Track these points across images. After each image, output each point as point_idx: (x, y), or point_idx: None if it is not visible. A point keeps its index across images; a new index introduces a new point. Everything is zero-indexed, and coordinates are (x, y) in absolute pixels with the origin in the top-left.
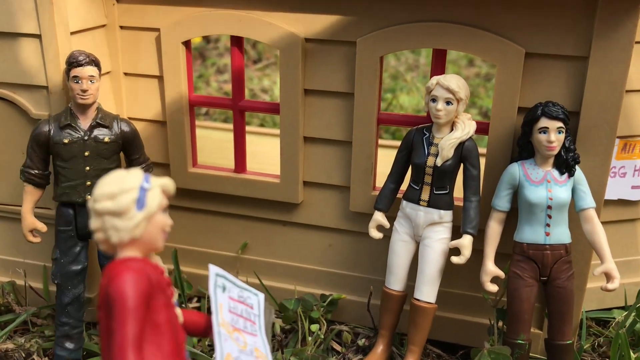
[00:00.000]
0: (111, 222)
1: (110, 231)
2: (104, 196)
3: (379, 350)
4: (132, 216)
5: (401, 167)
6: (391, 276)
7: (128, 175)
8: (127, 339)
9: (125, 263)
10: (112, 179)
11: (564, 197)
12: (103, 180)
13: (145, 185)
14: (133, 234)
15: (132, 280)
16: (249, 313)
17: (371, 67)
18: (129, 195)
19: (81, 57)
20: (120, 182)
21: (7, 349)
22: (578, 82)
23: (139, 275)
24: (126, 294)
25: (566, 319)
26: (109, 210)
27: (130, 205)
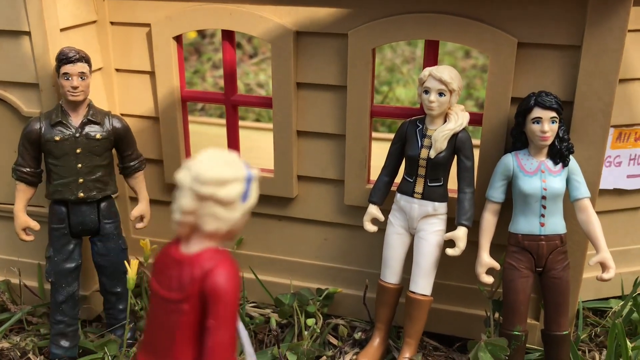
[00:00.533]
0: (213, 210)
1: (208, 218)
2: (214, 181)
3: (376, 344)
4: (237, 208)
5: (395, 159)
6: (386, 269)
7: (236, 160)
8: (232, 338)
9: (223, 256)
10: (222, 161)
11: (558, 187)
12: (208, 160)
13: (252, 176)
14: (232, 226)
15: (236, 276)
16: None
17: (363, 60)
18: (240, 185)
19: (71, 54)
20: (234, 169)
21: (3, 348)
22: (571, 71)
23: (237, 271)
24: (233, 291)
25: (562, 310)
26: (217, 197)
27: (239, 196)
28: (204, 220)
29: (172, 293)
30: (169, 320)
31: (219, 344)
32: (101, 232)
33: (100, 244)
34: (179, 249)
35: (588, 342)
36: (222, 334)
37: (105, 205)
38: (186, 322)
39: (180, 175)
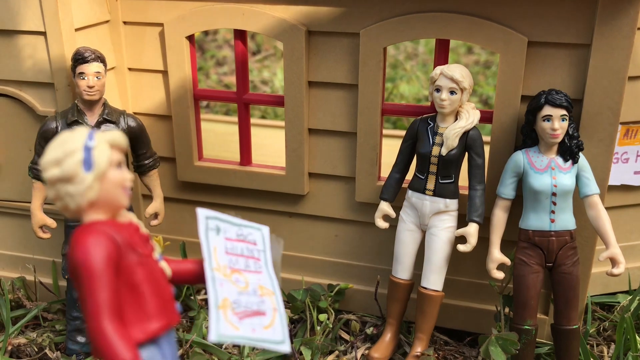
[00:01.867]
0: (64, 189)
1: (66, 198)
2: (50, 163)
3: (387, 339)
4: (81, 179)
5: (406, 157)
6: (398, 265)
7: (71, 135)
8: (98, 307)
9: (86, 228)
10: (56, 142)
11: (568, 184)
12: (49, 146)
13: (89, 144)
14: (88, 198)
15: (94, 245)
16: (251, 250)
17: (375, 58)
18: (73, 158)
19: (87, 54)
20: (63, 145)
21: (20, 344)
22: (581, 69)
23: (100, 238)
24: (89, 261)
25: (572, 304)
26: (58, 177)
27: (77, 169)
28: (65, 201)
29: None
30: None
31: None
32: None
33: None
34: None
35: (596, 336)
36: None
37: None
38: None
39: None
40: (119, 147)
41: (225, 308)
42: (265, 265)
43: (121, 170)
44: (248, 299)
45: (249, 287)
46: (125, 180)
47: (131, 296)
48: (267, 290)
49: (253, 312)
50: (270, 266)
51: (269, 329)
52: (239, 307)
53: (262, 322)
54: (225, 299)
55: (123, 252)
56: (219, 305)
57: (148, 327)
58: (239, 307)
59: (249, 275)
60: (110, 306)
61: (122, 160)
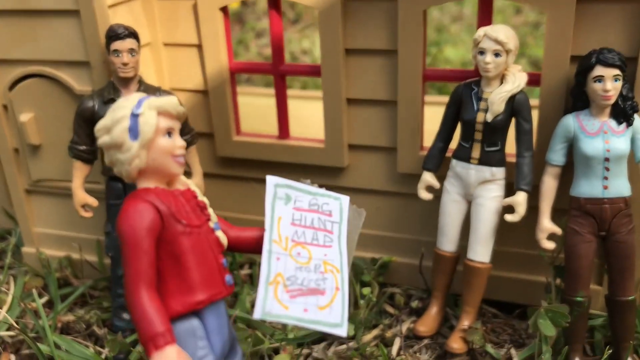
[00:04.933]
0: (115, 156)
1: (117, 165)
2: (101, 130)
3: (433, 312)
4: (128, 147)
5: (449, 124)
6: (443, 237)
7: (122, 102)
8: (134, 275)
9: (131, 197)
10: (111, 109)
11: (622, 148)
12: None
13: (136, 111)
14: (135, 165)
15: (135, 214)
16: (323, 222)
17: (414, 22)
18: (120, 125)
19: (120, 30)
20: (114, 112)
21: (69, 321)
22: (635, 25)
23: (142, 207)
24: (129, 229)
25: (627, 275)
26: (107, 144)
27: (124, 137)
28: (117, 168)
29: None
30: None
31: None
32: None
33: None
34: None
35: None
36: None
37: None
38: None
39: None
40: (168, 113)
41: (277, 284)
42: (338, 239)
43: (171, 138)
44: (307, 276)
45: (311, 262)
46: (175, 148)
47: (174, 267)
48: (332, 266)
49: (310, 290)
50: (344, 240)
51: (325, 309)
52: (294, 284)
53: (318, 301)
54: (278, 274)
55: (166, 222)
56: (270, 280)
57: (189, 299)
58: (293, 284)
59: (314, 249)
60: (146, 275)
61: (173, 127)
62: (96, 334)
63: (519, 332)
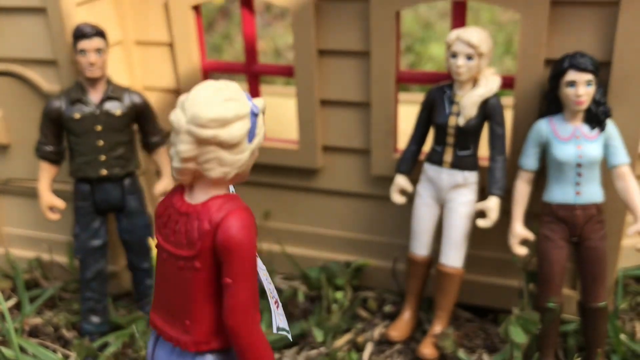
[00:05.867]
0: (216, 154)
1: (212, 164)
2: (215, 122)
3: (406, 317)
4: (242, 149)
5: (423, 127)
6: (416, 241)
7: (238, 92)
8: (251, 296)
9: (234, 203)
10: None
11: (594, 153)
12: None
13: (255, 110)
14: (240, 170)
15: (249, 224)
16: None
17: (387, 24)
18: (244, 123)
19: (87, 29)
20: (236, 104)
21: (37, 323)
22: (609, 30)
23: (252, 219)
24: (247, 242)
25: (599, 281)
26: (220, 140)
27: (244, 137)
28: (207, 166)
29: (181, 249)
30: (183, 278)
31: (238, 304)
32: (126, 208)
33: (126, 221)
34: (183, 199)
35: (629, 312)
36: (240, 293)
37: (129, 182)
38: (201, 279)
39: (174, 116)
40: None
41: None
42: None
43: None
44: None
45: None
46: None
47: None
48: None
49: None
50: None
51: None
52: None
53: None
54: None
55: None
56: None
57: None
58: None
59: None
60: (257, 298)
61: None
62: (65, 337)
63: (492, 337)
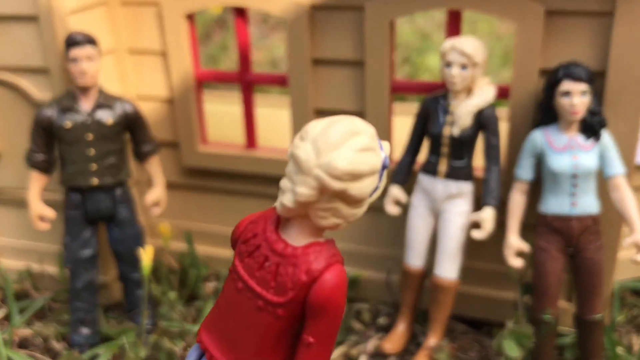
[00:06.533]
0: (336, 205)
1: (327, 213)
2: (350, 175)
3: (400, 329)
4: (364, 204)
5: (417, 138)
6: (410, 252)
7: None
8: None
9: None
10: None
11: (589, 164)
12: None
13: (386, 163)
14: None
15: (345, 283)
16: None
17: (382, 33)
18: (375, 179)
19: (78, 38)
20: (371, 158)
21: (27, 335)
22: (603, 40)
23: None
24: (340, 304)
25: (595, 293)
26: (349, 195)
27: (369, 193)
28: (321, 214)
29: (266, 291)
30: (258, 319)
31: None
32: (117, 218)
33: (117, 230)
34: (279, 234)
35: (626, 325)
36: (320, 355)
37: (120, 191)
38: (281, 327)
39: (304, 152)
40: None
41: None
42: None
43: None
44: None
45: None
46: None
47: None
48: None
49: None
50: None
51: None
52: None
53: None
54: None
55: None
56: None
57: None
58: None
59: None
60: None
61: None
62: (54, 349)
63: (487, 349)
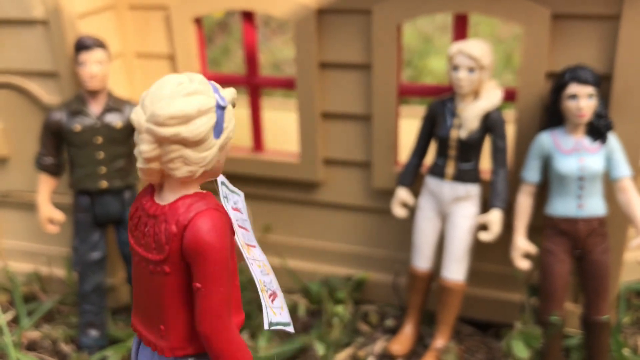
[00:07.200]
0: (180, 153)
1: (176, 163)
2: (175, 118)
3: (407, 331)
4: (208, 146)
5: (424, 140)
6: (417, 255)
7: (198, 85)
8: (224, 302)
9: (202, 203)
10: (182, 90)
11: (596, 166)
12: (163, 91)
13: (222, 103)
14: (206, 167)
15: (220, 225)
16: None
17: (389, 36)
18: (208, 119)
19: (88, 42)
20: (197, 99)
21: (35, 337)
22: (610, 43)
23: (225, 220)
24: (217, 244)
25: (602, 294)
26: (182, 138)
27: (209, 133)
28: (172, 166)
29: (150, 253)
30: (154, 282)
31: (209, 309)
32: (126, 221)
33: (126, 233)
34: (153, 199)
35: (632, 326)
36: (211, 298)
37: (128, 194)
38: (172, 284)
39: (135, 114)
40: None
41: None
42: (252, 235)
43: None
44: (266, 278)
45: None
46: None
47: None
48: (267, 267)
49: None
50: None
51: (283, 310)
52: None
53: (279, 303)
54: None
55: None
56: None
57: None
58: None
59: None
60: (232, 299)
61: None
62: (63, 351)
63: (494, 352)
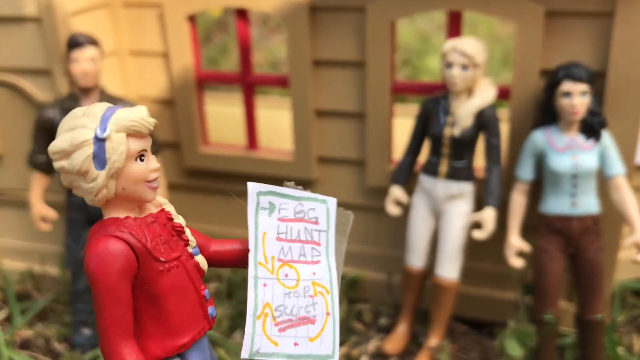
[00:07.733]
0: (76, 182)
1: (79, 191)
2: (58, 154)
3: (401, 330)
4: (92, 177)
5: (418, 138)
6: (411, 253)
7: (82, 119)
8: (109, 326)
9: (101, 232)
10: (66, 126)
11: (590, 164)
12: (60, 128)
13: (101, 135)
14: (101, 196)
15: (108, 254)
16: (310, 232)
17: (382, 34)
18: (83, 152)
19: (80, 39)
20: (73, 133)
21: (28, 336)
22: (604, 40)
23: (116, 247)
24: (100, 274)
25: (596, 293)
26: (66, 170)
27: (88, 165)
28: (77, 192)
29: None
30: None
31: (99, 333)
32: None
33: None
34: None
35: (626, 325)
36: (98, 321)
37: None
38: None
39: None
40: (139, 133)
41: (265, 317)
42: (326, 252)
43: (143, 162)
44: (296, 302)
45: (299, 284)
46: (148, 173)
47: (152, 308)
48: (322, 287)
49: (300, 320)
50: (332, 252)
51: (316, 340)
52: (283, 314)
53: (309, 331)
54: (266, 304)
55: (142, 261)
56: (258, 314)
57: (172, 343)
58: (282, 315)
59: (302, 268)
60: (123, 324)
61: (145, 148)
62: (56, 350)
63: (488, 350)
